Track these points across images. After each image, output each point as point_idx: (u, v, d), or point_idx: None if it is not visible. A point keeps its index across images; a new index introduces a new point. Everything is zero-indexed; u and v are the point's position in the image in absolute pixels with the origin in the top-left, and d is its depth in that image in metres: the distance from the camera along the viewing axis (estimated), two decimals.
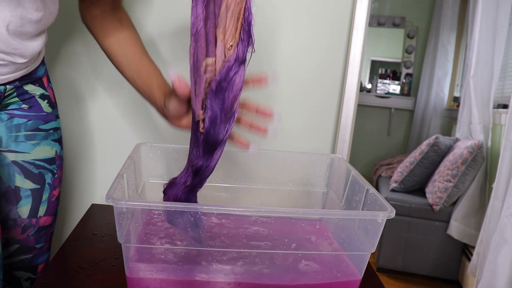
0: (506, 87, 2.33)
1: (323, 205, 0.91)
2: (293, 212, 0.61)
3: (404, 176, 2.34)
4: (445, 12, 3.20)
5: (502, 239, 1.50)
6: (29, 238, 0.79)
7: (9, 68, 0.67)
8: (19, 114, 0.74)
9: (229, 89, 0.56)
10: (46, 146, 0.78)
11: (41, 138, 0.77)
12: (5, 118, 0.74)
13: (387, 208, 0.61)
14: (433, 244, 2.17)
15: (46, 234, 0.82)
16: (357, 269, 0.66)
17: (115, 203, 0.54)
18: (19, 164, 0.76)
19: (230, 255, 0.63)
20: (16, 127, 0.74)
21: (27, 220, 0.78)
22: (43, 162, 0.78)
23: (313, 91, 1.04)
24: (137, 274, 0.61)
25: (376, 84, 3.70)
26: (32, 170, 0.77)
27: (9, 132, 0.74)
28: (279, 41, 1.01)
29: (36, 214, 0.79)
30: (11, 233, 0.77)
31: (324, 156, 0.92)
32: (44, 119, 0.78)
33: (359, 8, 0.98)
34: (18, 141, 0.75)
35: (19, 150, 0.75)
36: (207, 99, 0.56)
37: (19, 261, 0.79)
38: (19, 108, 0.74)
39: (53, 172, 0.80)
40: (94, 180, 1.08)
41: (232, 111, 0.58)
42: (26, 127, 0.75)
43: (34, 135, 0.76)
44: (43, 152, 0.78)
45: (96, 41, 0.78)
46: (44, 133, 0.78)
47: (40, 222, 0.80)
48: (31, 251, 0.80)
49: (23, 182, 0.76)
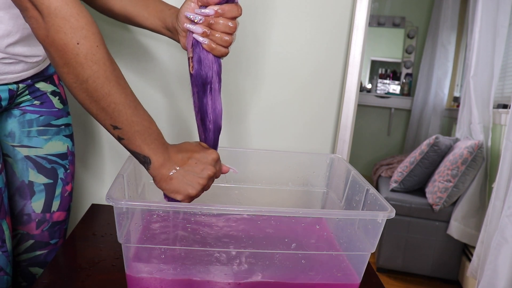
0: (506, 87, 2.33)
1: (323, 205, 0.91)
2: (293, 212, 0.61)
3: (404, 176, 2.34)
4: (445, 12, 3.20)
5: (503, 239, 1.50)
6: (43, 233, 0.80)
7: (22, 66, 0.68)
8: (31, 110, 0.76)
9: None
10: (58, 141, 0.79)
11: (53, 134, 0.79)
12: (17, 114, 0.75)
13: (387, 208, 0.61)
14: (433, 244, 2.16)
15: (60, 230, 0.83)
16: (357, 269, 0.66)
17: (115, 203, 0.54)
18: (32, 159, 0.77)
19: (230, 255, 0.63)
20: (29, 122, 0.76)
21: (41, 215, 0.79)
22: (55, 157, 0.79)
23: (313, 91, 1.04)
24: (137, 274, 0.61)
25: (376, 84, 3.70)
26: (44, 165, 0.78)
27: (21, 127, 0.75)
28: (279, 41, 1.01)
29: (50, 209, 0.80)
30: (26, 228, 0.78)
31: (324, 156, 0.92)
32: (55, 115, 0.79)
33: (359, 8, 0.98)
34: (30, 136, 0.76)
35: (32, 145, 0.76)
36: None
37: (34, 256, 0.80)
38: (31, 104, 0.76)
39: (65, 167, 0.81)
40: (94, 180, 1.07)
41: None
42: (38, 123, 0.77)
43: (46, 130, 0.78)
44: (55, 147, 0.79)
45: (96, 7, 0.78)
46: (56, 128, 0.79)
47: (53, 217, 0.81)
48: (46, 246, 0.81)
49: (36, 176, 0.77)
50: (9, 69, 0.66)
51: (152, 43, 1.00)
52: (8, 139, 0.75)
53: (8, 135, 0.75)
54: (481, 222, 1.95)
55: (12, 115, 0.75)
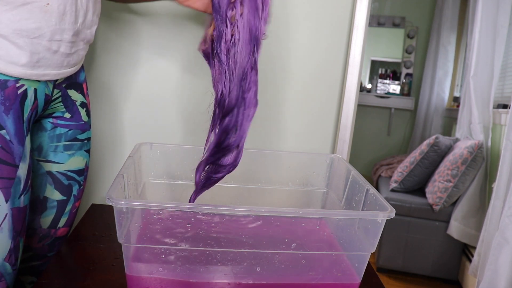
0: (506, 87, 2.33)
1: (323, 205, 0.91)
2: (293, 212, 0.61)
3: (404, 176, 2.34)
4: (445, 12, 3.20)
5: (504, 239, 1.50)
6: (43, 247, 0.79)
7: (65, 59, 0.67)
8: (61, 124, 0.75)
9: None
10: (79, 157, 0.79)
11: (77, 149, 0.78)
12: (48, 127, 0.74)
13: (387, 208, 0.61)
14: (433, 244, 2.16)
15: (59, 244, 0.82)
16: (357, 269, 0.66)
17: (115, 203, 0.54)
18: (52, 175, 0.76)
19: (230, 255, 0.63)
20: (58, 137, 0.75)
21: (46, 230, 0.78)
22: (74, 174, 0.79)
23: (313, 91, 1.04)
24: (137, 274, 0.61)
25: (376, 84, 3.70)
26: (63, 181, 0.77)
27: (50, 141, 0.75)
28: (279, 41, 1.01)
29: (57, 225, 0.79)
30: (28, 241, 0.77)
31: (324, 156, 0.92)
32: (82, 128, 0.78)
33: (359, 8, 0.98)
34: (56, 151, 0.75)
35: (56, 160, 0.76)
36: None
37: (29, 267, 0.79)
38: (62, 116, 0.75)
39: (80, 184, 0.80)
40: (94, 180, 1.07)
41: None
42: (66, 137, 0.76)
43: (71, 145, 0.77)
44: (76, 163, 0.79)
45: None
46: (80, 143, 0.78)
47: (57, 233, 0.80)
48: (43, 258, 0.80)
49: (52, 192, 0.76)
50: (55, 60, 0.65)
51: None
52: (35, 153, 0.74)
53: (36, 149, 0.74)
54: (481, 222, 1.95)
55: (44, 128, 0.74)
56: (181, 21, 1.00)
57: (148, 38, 1.01)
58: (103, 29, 0.99)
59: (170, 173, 0.87)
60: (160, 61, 1.02)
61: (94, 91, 1.03)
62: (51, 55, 0.63)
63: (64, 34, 0.63)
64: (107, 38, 1.00)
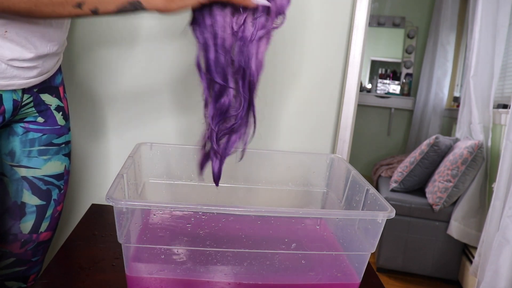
0: (506, 87, 2.33)
1: (323, 205, 0.91)
2: (293, 212, 0.61)
3: (404, 176, 2.34)
4: (445, 12, 3.20)
5: (504, 239, 1.50)
6: (26, 252, 0.78)
7: (35, 72, 0.66)
8: (34, 128, 0.73)
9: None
10: (56, 162, 0.77)
11: (53, 153, 0.76)
12: (20, 132, 0.72)
13: (387, 208, 0.61)
14: (433, 244, 2.16)
15: (43, 248, 0.81)
16: (357, 269, 0.66)
17: (115, 203, 0.54)
18: (28, 180, 0.74)
19: (230, 255, 0.63)
20: (31, 141, 0.73)
21: (27, 235, 0.77)
22: (52, 178, 0.77)
23: (313, 91, 1.04)
24: (137, 274, 0.61)
25: (376, 84, 3.70)
26: (40, 186, 0.76)
27: (23, 146, 0.73)
28: (279, 42, 1.01)
29: (38, 230, 0.78)
30: (9, 247, 0.76)
31: (324, 156, 0.92)
32: (57, 132, 0.77)
33: (359, 8, 0.98)
34: (30, 156, 0.74)
35: (31, 165, 0.74)
36: None
37: (13, 272, 0.78)
38: (35, 121, 0.73)
39: (60, 188, 0.79)
40: (94, 180, 1.07)
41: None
42: (40, 142, 0.74)
43: (46, 150, 0.75)
44: (53, 168, 0.77)
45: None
46: (56, 147, 0.77)
47: (40, 238, 0.79)
48: (27, 263, 0.79)
49: (30, 198, 0.75)
50: (20, 73, 0.64)
51: (157, 40, 1.00)
52: (7, 158, 0.73)
53: (8, 154, 0.73)
54: (481, 222, 1.95)
55: (15, 133, 0.72)
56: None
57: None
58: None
59: (170, 173, 0.87)
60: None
61: (93, 91, 1.03)
62: (12, 70, 0.62)
63: (26, 56, 0.62)
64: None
